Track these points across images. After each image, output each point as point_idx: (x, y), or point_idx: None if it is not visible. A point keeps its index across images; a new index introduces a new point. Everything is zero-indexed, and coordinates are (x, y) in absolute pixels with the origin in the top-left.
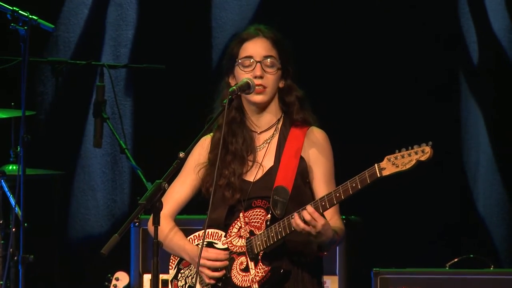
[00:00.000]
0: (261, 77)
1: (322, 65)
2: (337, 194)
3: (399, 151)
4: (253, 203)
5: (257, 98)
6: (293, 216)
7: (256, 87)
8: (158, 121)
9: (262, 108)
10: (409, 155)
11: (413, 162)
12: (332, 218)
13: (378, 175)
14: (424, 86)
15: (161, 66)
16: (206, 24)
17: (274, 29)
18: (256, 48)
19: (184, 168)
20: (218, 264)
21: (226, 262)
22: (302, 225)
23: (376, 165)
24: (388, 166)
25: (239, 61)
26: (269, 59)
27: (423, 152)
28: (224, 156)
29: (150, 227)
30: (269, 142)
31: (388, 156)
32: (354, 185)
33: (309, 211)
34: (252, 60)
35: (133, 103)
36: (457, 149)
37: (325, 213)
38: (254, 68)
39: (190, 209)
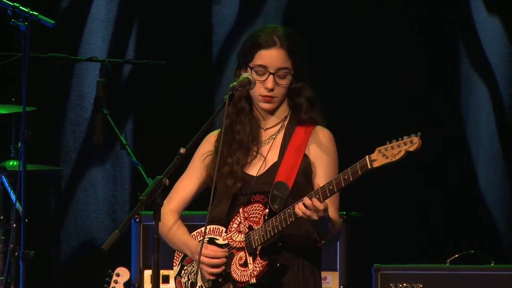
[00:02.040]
0: (272, 90)
1: (318, 59)
2: (330, 187)
3: (390, 142)
4: (252, 198)
5: (265, 106)
6: (289, 210)
7: (266, 97)
8: (159, 116)
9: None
10: (398, 146)
11: (402, 152)
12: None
13: (369, 167)
14: (424, 83)
15: (162, 61)
16: (207, 20)
17: (291, 31)
18: (271, 59)
19: (191, 163)
20: (215, 261)
21: (224, 260)
22: (303, 208)
23: (367, 156)
24: (379, 158)
25: (254, 68)
26: (282, 71)
27: (411, 143)
28: (230, 144)
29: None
30: (274, 137)
31: (378, 148)
32: (346, 177)
33: (309, 199)
34: (265, 70)
35: (134, 99)
36: (458, 146)
37: None
38: (266, 79)
39: (191, 205)
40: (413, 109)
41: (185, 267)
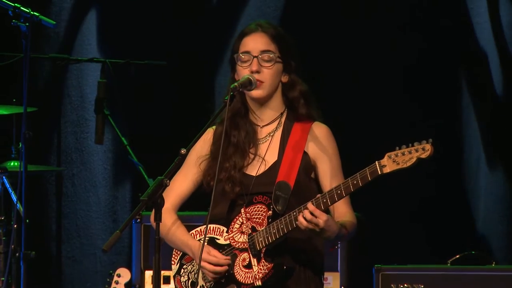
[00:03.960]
0: (257, 72)
1: (323, 61)
2: (338, 191)
3: (400, 148)
4: (254, 198)
5: (255, 93)
6: (295, 213)
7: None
8: (160, 117)
9: (263, 103)
10: (410, 152)
11: (414, 159)
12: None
13: (379, 173)
14: (425, 83)
15: (163, 62)
16: (208, 20)
17: (276, 24)
18: (254, 43)
19: (186, 161)
20: (218, 269)
21: (226, 267)
22: (305, 223)
23: (376, 162)
24: (389, 164)
25: (238, 56)
26: (266, 54)
27: (423, 150)
28: (226, 148)
29: (153, 221)
30: (272, 135)
31: (388, 153)
32: (355, 182)
33: (310, 209)
34: (249, 55)
35: (135, 100)
36: (458, 146)
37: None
38: (251, 63)
39: (191, 205)
40: (414, 110)
41: (184, 266)
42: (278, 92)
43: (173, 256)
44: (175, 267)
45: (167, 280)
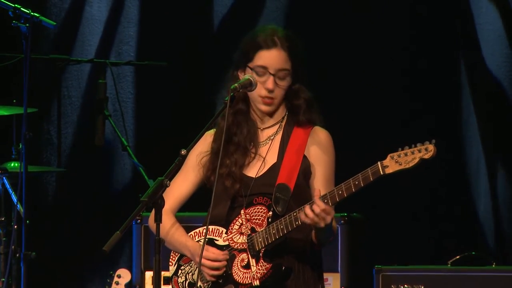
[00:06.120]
0: (272, 91)
1: (325, 62)
2: (340, 192)
3: (402, 149)
4: (254, 200)
5: (265, 108)
6: (295, 214)
7: (265, 99)
8: (160, 118)
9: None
10: (412, 153)
11: (416, 160)
12: None
13: (381, 173)
14: (425, 83)
15: (163, 63)
16: (208, 21)
17: (290, 33)
18: (272, 60)
19: (186, 163)
20: (216, 264)
21: (225, 263)
22: (311, 215)
23: (379, 163)
24: (391, 164)
25: (254, 68)
26: (282, 72)
27: (426, 151)
28: (227, 145)
29: (152, 223)
30: (273, 139)
31: (391, 154)
32: (356, 182)
33: (319, 205)
34: (265, 71)
35: (135, 100)
36: (459, 146)
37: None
38: (267, 80)
39: (191, 206)
40: (415, 110)
41: (182, 267)
42: (282, 99)
43: (171, 257)
44: (172, 268)
45: (167, 281)
